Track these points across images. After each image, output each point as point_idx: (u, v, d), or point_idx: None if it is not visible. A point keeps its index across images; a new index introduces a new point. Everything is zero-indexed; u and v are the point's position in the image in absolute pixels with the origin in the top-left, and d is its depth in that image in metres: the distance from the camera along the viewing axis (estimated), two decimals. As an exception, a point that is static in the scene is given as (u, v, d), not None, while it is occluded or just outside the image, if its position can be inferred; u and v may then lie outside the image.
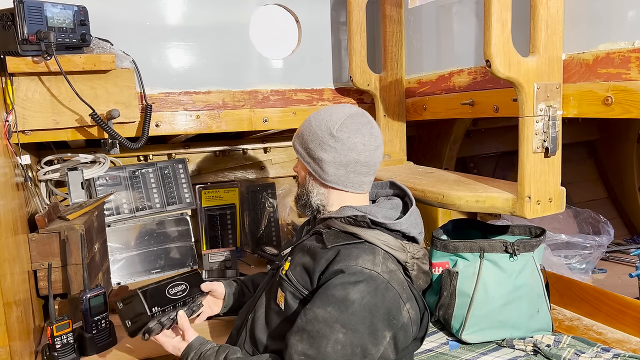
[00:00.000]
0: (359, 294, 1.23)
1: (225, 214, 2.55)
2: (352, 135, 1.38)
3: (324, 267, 1.30)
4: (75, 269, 1.74)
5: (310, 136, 1.41)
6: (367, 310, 1.22)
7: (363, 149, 1.38)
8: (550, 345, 1.53)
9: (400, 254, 1.34)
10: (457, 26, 1.87)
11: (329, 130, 1.38)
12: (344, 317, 1.21)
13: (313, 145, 1.40)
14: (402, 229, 1.36)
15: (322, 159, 1.39)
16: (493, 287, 1.58)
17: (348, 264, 1.26)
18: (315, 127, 1.41)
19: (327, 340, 1.20)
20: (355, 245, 1.32)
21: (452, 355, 1.54)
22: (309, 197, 1.44)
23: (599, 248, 2.40)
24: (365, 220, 1.33)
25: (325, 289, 1.26)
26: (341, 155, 1.38)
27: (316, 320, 1.22)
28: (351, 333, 1.20)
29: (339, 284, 1.24)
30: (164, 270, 2.37)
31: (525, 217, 1.47)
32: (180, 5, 2.03)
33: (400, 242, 1.35)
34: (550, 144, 1.44)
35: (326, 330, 1.20)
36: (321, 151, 1.39)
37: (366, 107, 2.26)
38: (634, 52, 1.33)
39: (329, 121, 1.40)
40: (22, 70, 1.68)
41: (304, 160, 1.44)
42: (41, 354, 1.62)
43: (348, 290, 1.23)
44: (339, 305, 1.22)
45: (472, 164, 3.04)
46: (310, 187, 1.44)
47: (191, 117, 2.04)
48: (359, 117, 1.41)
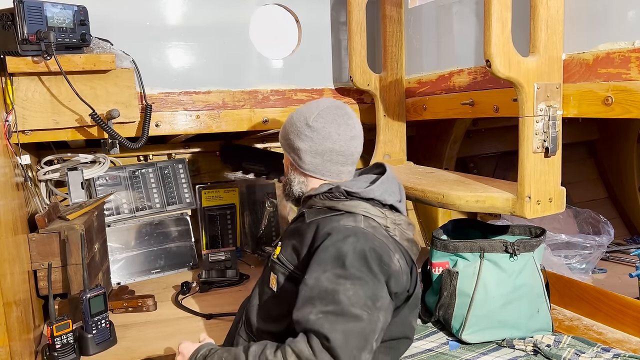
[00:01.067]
0: (350, 245, 1.27)
1: (225, 214, 2.55)
2: (327, 125, 1.45)
3: (310, 240, 1.35)
4: (75, 269, 1.74)
5: (290, 127, 1.49)
6: (362, 258, 1.26)
7: (338, 138, 1.44)
8: (551, 345, 1.53)
9: (380, 219, 1.38)
10: (457, 26, 1.86)
11: (305, 120, 1.46)
12: (344, 270, 1.24)
13: (292, 135, 1.48)
14: (375, 197, 1.40)
15: (299, 148, 1.46)
16: (493, 287, 1.58)
17: (332, 227, 1.33)
18: (294, 119, 1.50)
19: (337, 293, 1.22)
20: (335, 216, 1.38)
21: (452, 355, 1.54)
22: (291, 186, 1.52)
23: (599, 248, 2.40)
24: (340, 190, 1.40)
25: (317, 254, 1.30)
26: (317, 144, 1.45)
27: (320, 283, 1.24)
28: (357, 281, 1.23)
29: (329, 245, 1.29)
30: (164, 270, 2.38)
31: (525, 217, 1.47)
32: (180, 5, 2.03)
33: (379, 210, 1.39)
34: (550, 144, 1.44)
35: (333, 287, 1.23)
36: (299, 141, 1.46)
37: (366, 107, 2.26)
38: (634, 52, 1.33)
39: (307, 112, 1.48)
40: (22, 70, 1.67)
41: (286, 150, 1.52)
42: (41, 354, 1.62)
43: (338, 246, 1.27)
44: (335, 262, 1.26)
45: (472, 164, 3.03)
46: (292, 176, 1.52)
47: (191, 117, 2.04)
48: (336, 108, 1.48)
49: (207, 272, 2.20)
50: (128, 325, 1.85)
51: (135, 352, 1.66)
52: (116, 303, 1.96)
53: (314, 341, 1.17)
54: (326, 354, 1.15)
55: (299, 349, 1.17)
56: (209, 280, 2.18)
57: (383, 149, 2.12)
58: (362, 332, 1.19)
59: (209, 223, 2.53)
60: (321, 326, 1.18)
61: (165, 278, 2.33)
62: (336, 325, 1.18)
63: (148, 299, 1.98)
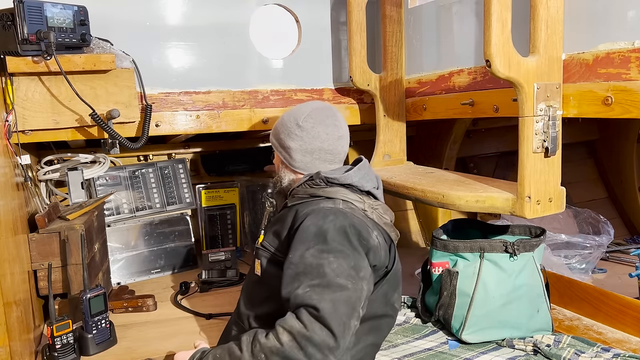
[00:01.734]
0: (330, 222, 1.34)
1: (225, 214, 2.55)
2: (316, 125, 1.54)
3: (290, 223, 1.42)
4: (75, 269, 1.74)
5: (281, 127, 1.59)
6: (342, 233, 1.33)
7: (326, 137, 1.54)
8: (550, 345, 1.53)
9: (358, 203, 1.46)
10: (457, 26, 1.86)
11: (296, 121, 1.55)
12: (326, 245, 1.30)
13: (283, 135, 1.57)
14: (353, 182, 1.48)
15: (290, 147, 1.55)
16: (493, 287, 1.58)
17: (312, 209, 1.40)
18: (285, 120, 1.59)
19: (322, 267, 1.26)
20: (314, 201, 1.45)
21: (451, 354, 1.54)
22: (282, 183, 1.60)
23: (599, 248, 2.40)
24: (320, 177, 1.48)
25: (298, 233, 1.35)
26: (306, 143, 1.54)
27: (304, 260, 1.29)
28: (340, 254, 1.29)
29: (309, 224, 1.35)
30: (164, 270, 2.38)
31: (525, 217, 1.47)
32: (180, 5, 2.03)
33: (357, 195, 1.48)
34: (550, 144, 1.44)
35: (317, 261, 1.28)
36: (289, 140, 1.55)
37: (366, 107, 2.26)
38: (634, 52, 1.33)
39: (297, 113, 1.57)
40: (22, 70, 1.67)
41: (277, 150, 1.61)
42: (41, 354, 1.62)
43: (319, 224, 1.34)
44: (317, 238, 1.32)
45: (472, 164, 3.03)
46: (282, 174, 1.61)
47: (191, 117, 2.04)
48: (324, 110, 1.59)
49: (207, 272, 2.20)
50: (128, 325, 1.85)
51: (135, 352, 1.66)
52: (116, 303, 1.96)
53: (303, 315, 1.20)
54: (317, 324, 1.18)
55: (290, 325, 1.20)
56: (209, 280, 2.18)
57: (383, 149, 2.13)
58: (349, 300, 1.24)
59: (209, 223, 2.53)
60: (309, 298, 1.22)
61: (165, 278, 2.33)
62: (324, 296, 1.22)
63: (148, 299, 1.98)
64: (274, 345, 1.19)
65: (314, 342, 1.17)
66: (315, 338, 1.17)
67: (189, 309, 1.96)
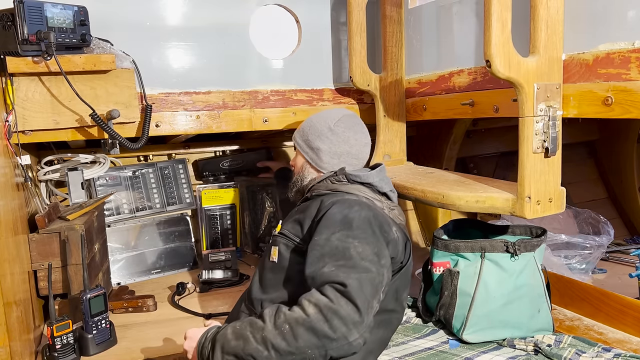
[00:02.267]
0: (356, 212, 1.40)
1: (225, 214, 2.55)
2: (346, 130, 1.65)
3: (315, 212, 1.47)
4: (75, 269, 1.74)
5: (311, 129, 1.68)
6: (367, 222, 1.39)
7: (355, 143, 1.66)
8: (551, 345, 1.53)
9: (377, 202, 1.54)
10: (457, 26, 1.86)
11: (327, 124, 1.65)
12: (351, 232, 1.35)
13: (312, 137, 1.66)
14: (373, 182, 1.57)
15: (319, 148, 1.65)
16: (494, 287, 1.58)
17: (337, 199, 1.46)
18: (315, 122, 1.69)
19: (348, 250, 1.31)
20: (338, 194, 1.52)
21: (452, 354, 1.54)
22: (302, 182, 1.68)
23: (599, 248, 2.40)
24: (344, 172, 1.58)
25: (325, 219, 1.40)
26: (335, 146, 1.64)
27: (330, 242, 1.34)
28: (364, 241, 1.34)
29: (336, 211, 1.41)
30: (164, 270, 2.38)
31: (525, 218, 1.47)
32: (180, 6, 2.03)
33: (377, 195, 1.56)
34: (550, 144, 1.44)
35: (343, 244, 1.33)
36: (319, 142, 1.65)
37: (366, 107, 2.26)
38: (634, 52, 1.32)
39: (328, 118, 1.68)
40: (22, 70, 1.67)
41: (303, 150, 1.69)
42: (41, 354, 1.62)
43: (345, 212, 1.40)
44: (343, 224, 1.37)
45: (472, 164, 3.03)
46: (306, 172, 1.68)
47: (191, 117, 2.04)
48: (353, 117, 1.71)
49: (207, 272, 2.20)
50: (128, 325, 1.85)
51: (135, 352, 1.66)
52: (116, 303, 1.96)
53: (329, 290, 1.23)
54: (343, 298, 1.21)
55: (316, 298, 1.22)
56: (209, 280, 2.18)
57: (383, 149, 2.12)
58: (373, 282, 1.28)
59: (209, 223, 2.53)
60: (336, 275, 1.26)
61: (165, 278, 2.33)
62: (350, 274, 1.26)
63: (148, 299, 1.98)
64: (300, 316, 1.20)
65: (340, 315, 1.19)
66: (341, 311, 1.20)
67: (189, 309, 1.96)
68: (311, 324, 1.19)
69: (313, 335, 1.19)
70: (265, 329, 1.21)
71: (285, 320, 1.21)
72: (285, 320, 1.21)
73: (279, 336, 1.19)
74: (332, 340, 1.19)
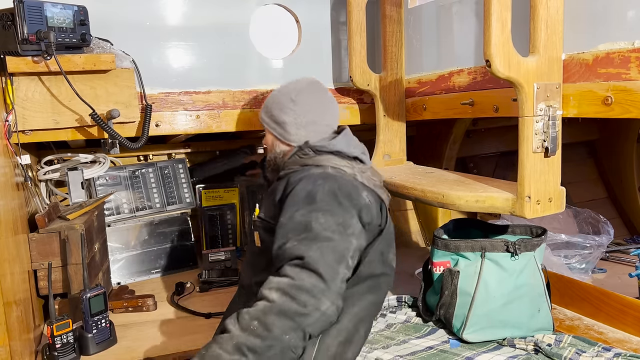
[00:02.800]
0: (319, 186, 1.38)
1: (225, 214, 2.55)
2: (308, 99, 1.62)
3: (282, 191, 1.45)
4: (75, 268, 1.74)
5: (274, 104, 1.65)
6: (331, 194, 1.37)
7: (319, 110, 1.63)
8: (552, 344, 1.53)
9: (347, 168, 1.50)
10: (457, 26, 1.86)
11: (289, 96, 1.62)
12: (315, 205, 1.34)
13: (276, 111, 1.63)
14: (341, 149, 1.53)
15: (284, 121, 1.61)
16: (494, 287, 1.58)
17: (302, 176, 1.44)
18: (277, 96, 1.66)
19: (310, 223, 1.30)
20: (304, 169, 1.49)
21: (453, 353, 1.53)
22: (276, 160, 1.63)
23: (599, 248, 2.40)
24: (308, 145, 1.54)
25: (290, 197, 1.39)
26: (300, 116, 1.60)
27: (293, 219, 1.33)
28: (328, 214, 1.33)
29: (300, 189, 1.39)
30: (164, 270, 2.38)
31: (525, 217, 1.47)
32: (180, 5, 2.03)
33: (346, 161, 1.52)
34: (550, 144, 1.44)
35: (307, 219, 1.32)
36: (283, 114, 1.61)
37: (366, 107, 2.26)
38: (633, 52, 1.32)
39: (289, 89, 1.65)
40: (22, 70, 1.67)
41: (270, 127, 1.66)
42: (41, 354, 1.62)
43: (309, 188, 1.38)
44: (306, 199, 1.36)
45: (472, 164, 3.03)
46: (277, 149, 1.64)
47: (191, 117, 2.04)
48: (314, 84, 1.68)
49: (207, 272, 2.20)
50: (128, 325, 1.85)
51: (135, 352, 1.66)
52: (116, 303, 1.96)
53: (287, 269, 1.22)
54: (304, 271, 1.20)
55: (277, 282, 1.20)
56: (209, 280, 2.18)
57: (383, 149, 2.12)
58: (336, 248, 1.27)
59: (209, 223, 2.53)
60: (297, 249, 1.25)
61: (165, 278, 2.33)
62: (311, 246, 1.25)
63: (148, 299, 1.98)
64: (265, 306, 1.17)
65: (305, 289, 1.17)
66: (305, 284, 1.18)
67: (189, 309, 1.96)
68: (279, 307, 1.16)
69: (285, 318, 1.15)
70: (234, 336, 1.16)
71: (251, 318, 1.17)
72: (251, 318, 1.17)
73: (251, 335, 1.14)
74: (305, 316, 1.16)
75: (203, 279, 2.18)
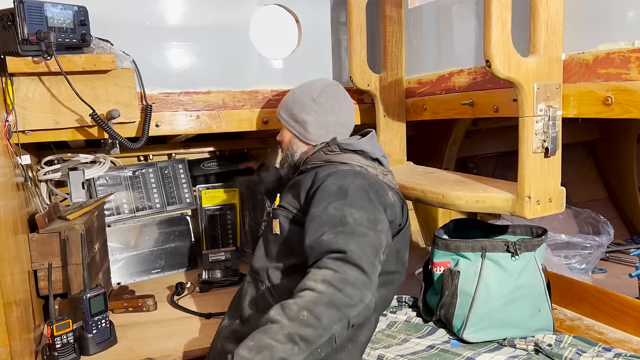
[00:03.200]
0: (351, 182, 1.42)
1: (225, 214, 2.55)
2: (330, 100, 1.67)
3: (310, 184, 1.48)
4: (76, 268, 1.74)
5: (294, 103, 1.69)
6: (362, 190, 1.41)
7: (340, 111, 1.68)
8: (552, 344, 1.53)
9: (370, 169, 1.55)
10: (457, 26, 1.86)
11: (310, 96, 1.67)
12: (347, 201, 1.37)
13: (297, 110, 1.68)
14: (365, 150, 1.60)
15: (305, 120, 1.66)
16: (494, 287, 1.59)
17: (332, 171, 1.48)
18: (298, 95, 1.70)
19: (344, 217, 1.33)
20: (331, 165, 1.54)
21: (453, 353, 1.54)
22: (293, 157, 1.70)
23: (599, 248, 2.40)
24: (336, 142, 1.59)
25: (320, 190, 1.42)
26: (322, 116, 1.66)
27: (327, 212, 1.36)
28: (360, 209, 1.36)
29: (331, 183, 1.42)
30: (164, 270, 2.38)
31: (525, 217, 1.47)
32: (180, 6, 2.03)
33: (369, 162, 1.58)
34: (550, 144, 1.44)
35: (341, 213, 1.34)
36: (304, 114, 1.66)
37: (366, 107, 2.26)
38: (634, 52, 1.33)
39: (310, 89, 1.69)
40: (22, 70, 1.67)
41: (289, 125, 1.71)
42: (41, 354, 1.62)
43: (340, 183, 1.42)
44: (339, 195, 1.39)
45: (472, 164, 3.03)
46: (295, 147, 1.70)
47: (191, 117, 2.04)
48: (335, 86, 1.74)
49: (207, 272, 2.20)
50: (128, 325, 1.85)
51: (135, 352, 1.66)
52: (116, 303, 1.96)
53: (329, 262, 1.23)
54: (346, 264, 1.23)
55: (322, 274, 1.21)
56: (209, 280, 2.18)
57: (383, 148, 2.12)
58: (372, 245, 1.31)
59: (209, 223, 2.53)
60: (336, 243, 1.27)
61: (165, 278, 2.33)
62: (349, 240, 1.27)
63: (148, 299, 1.98)
64: (314, 296, 1.18)
65: (350, 281, 1.20)
66: (349, 277, 1.21)
67: (189, 309, 1.96)
68: (328, 298, 1.18)
69: (333, 308, 1.17)
70: (284, 326, 1.15)
71: (300, 308, 1.17)
72: (300, 309, 1.17)
73: (302, 325, 1.15)
74: (352, 307, 1.19)
75: (203, 279, 2.18)
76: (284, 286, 1.42)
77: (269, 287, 1.46)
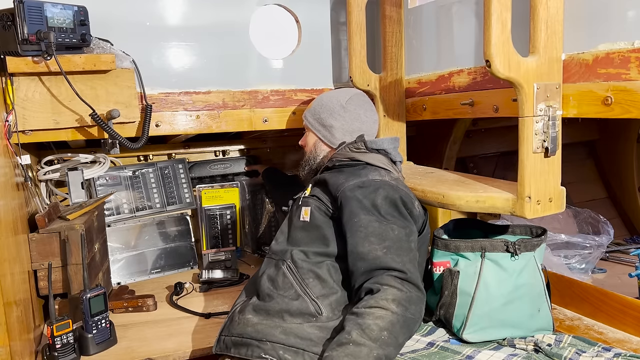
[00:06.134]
0: (381, 197, 1.49)
1: (225, 214, 2.55)
2: (357, 108, 1.76)
3: (338, 184, 1.55)
4: (76, 268, 1.74)
5: (322, 108, 1.78)
6: (392, 205, 1.50)
7: (366, 120, 1.77)
8: (552, 344, 1.53)
9: (393, 171, 1.64)
10: (457, 26, 1.86)
11: (339, 102, 1.76)
12: (381, 217, 1.47)
13: (325, 115, 1.76)
14: (387, 149, 1.68)
15: (332, 125, 1.75)
16: (494, 287, 1.58)
17: (363, 180, 1.53)
18: (326, 101, 1.79)
19: (387, 232, 1.44)
20: (359, 167, 1.61)
21: (453, 351, 1.53)
22: (316, 160, 1.78)
23: (599, 248, 2.40)
24: (362, 140, 1.67)
25: (355, 201, 1.49)
26: (348, 123, 1.74)
27: (370, 224, 1.45)
28: (398, 224, 1.47)
29: (364, 196, 1.49)
30: (164, 270, 2.38)
31: (525, 217, 1.47)
32: (180, 6, 2.03)
33: (390, 162, 1.67)
34: (550, 144, 1.44)
35: (382, 227, 1.45)
36: (332, 119, 1.75)
37: (366, 107, 2.26)
38: (633, 52, 1.33)
39: (339, 96, 1.79)
40: (22, 70, 1.67)
41: (315, 128, 1.79)
42: (41, 354, 1.62)
43: (372, 197, 1.49)
44: (372, 211, 1.47)
45: (472, 164, 3.03)
46: (319, 150, 1.79)
47: (191, 117, 2.04)
48: (363, 96, 1.84)
49: (207, 272, 2.20)
50: (128, 325, 1.85)
51: (135, 352, 1.66)
52: (116, 303, 1.96)
53: (392, 280, 1.36)
54: (407, 284, 1.37)
55: (392, 294, 1.33)
56: (209, 280, 2.18)
57: (383, 149, 2.12)
58: (415, 259, 1.45)
59: (209, 223, 2.53)
60: (393, 261, 1.39)
61: (165, 278, 2.33)
62: (402, 258, 1.40)
63: (148, 299, 1.98)
64: (390, 317, 1.29)
65: (413, 301, 1.35)
66: (413, 297, 1.35)
67: (189, 309, 1.96)
68: (403, 319, 1.31)
69: (406, 328, 1.32)
70: (372, 349, 1.24)
71: (381, 329, 1.27)
72: (380, 330, 1.27)
73: (384, 345, 1.26)
74: (416, 323, 1.36)
75: (203, 279, 2.18)
76: (306, 267, 1.51)
77: (290, 266, 1.53)
